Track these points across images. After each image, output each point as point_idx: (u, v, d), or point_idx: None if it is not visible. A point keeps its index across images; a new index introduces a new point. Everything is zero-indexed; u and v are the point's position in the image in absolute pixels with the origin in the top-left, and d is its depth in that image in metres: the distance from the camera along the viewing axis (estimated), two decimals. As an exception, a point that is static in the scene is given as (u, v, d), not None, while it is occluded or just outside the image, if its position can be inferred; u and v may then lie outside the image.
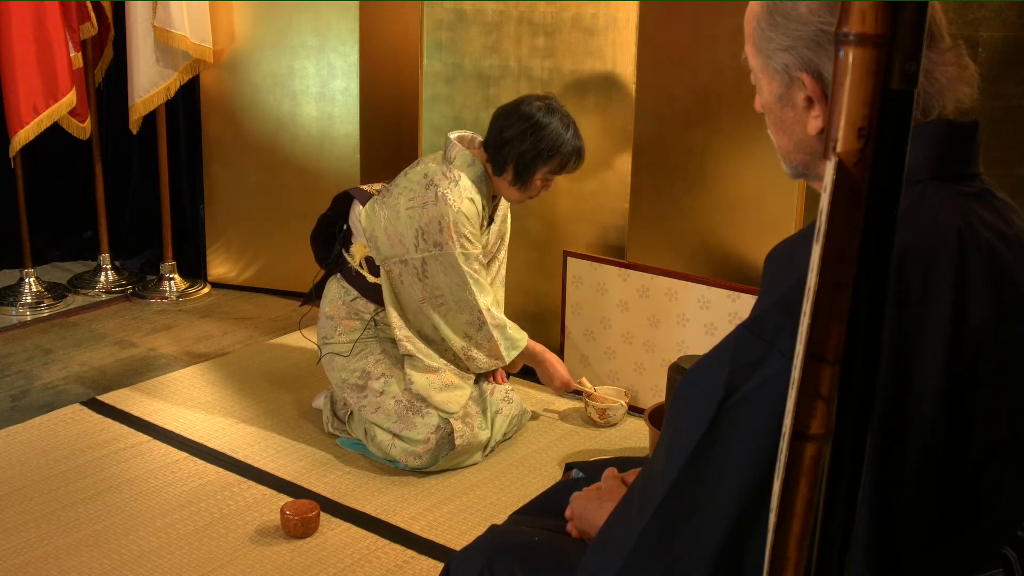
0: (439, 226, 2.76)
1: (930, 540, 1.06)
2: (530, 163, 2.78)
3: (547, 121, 2.77)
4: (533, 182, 2.82)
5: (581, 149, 2.83)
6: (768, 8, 1.13)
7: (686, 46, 3.08)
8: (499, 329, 2.90)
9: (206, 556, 2.38)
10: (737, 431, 1.03)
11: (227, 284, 4.25)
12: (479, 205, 2.83)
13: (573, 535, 1.49)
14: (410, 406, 2.81)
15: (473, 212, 2.80)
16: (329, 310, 3.00)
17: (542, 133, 2.76)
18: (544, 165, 2.79)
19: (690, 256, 3.19)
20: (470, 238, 2.79)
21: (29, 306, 3.97)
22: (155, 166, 4.17)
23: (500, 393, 2.99)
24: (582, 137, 2.84)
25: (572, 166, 2.84)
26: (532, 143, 2.77)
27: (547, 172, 2.82)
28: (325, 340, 2.98)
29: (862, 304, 0.73)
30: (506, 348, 2.93)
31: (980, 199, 1.11)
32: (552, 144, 2.77)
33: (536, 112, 2.78)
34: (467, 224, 2.78)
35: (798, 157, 1.18)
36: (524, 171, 2.80)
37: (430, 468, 2.78)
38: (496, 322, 2.89)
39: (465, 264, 2.79)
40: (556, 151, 2.78)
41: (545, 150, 2.77)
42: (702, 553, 1.05)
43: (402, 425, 2.79)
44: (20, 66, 3.67)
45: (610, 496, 1.45)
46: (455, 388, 2.88)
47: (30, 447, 2.87)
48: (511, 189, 2.86)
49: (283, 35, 3.92)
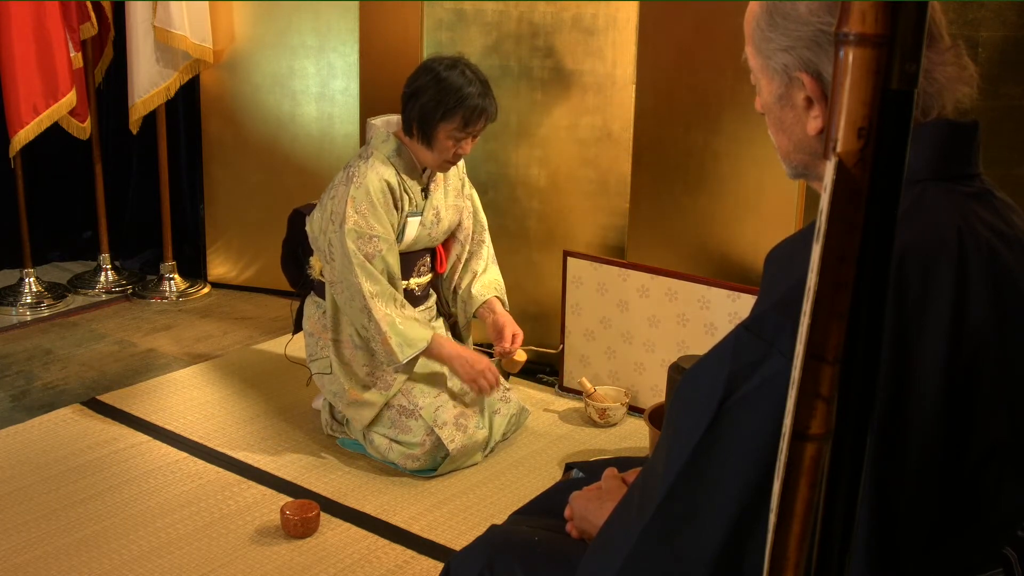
0: (342, 204, 2.72)
1: (930, 540, 1.07)
2: (430, 116, 2.70)
3: (447, 75, 2.70)
4: (438, 140, 2.72)
5: (484, 107, 2.70)
6: (768, 9, 1.13)
7: (686, 46, 3.08)
8: (388, 323, 2.72)
9: (206, 556, 2.38)
10: (737, 431, 1.03)
11: (227, 284, 4.25)
12: (391, 179, 2.76)
13: (573, 535, 1.49)
14: (403, 410, 2.80)
15: (379, 187, 2.73)
16: (309, 327, 2.99)
17: (441, 85, 2.69)
18: (445, 121, 2.70)
19: (690, 256, 3.19)
20: (365, 215, 2.71)
21: (29, 306, 3.97)
22: (155, 166, 4.17)
23: (498, 392, 2.96)
24: (493, 98, 2.74)
25: (476, 123, 2.72)
26: (431, 96, 2.70)
27: (452, 129, 2.71)
28: (311, 357, 2.97)
29: (862, 304, 0.73)
30: (399, 345, 2.72)
31: (980, 199, 1.11)
32: (452, 97, 2.68)
33: (437, 66, 2.73)
34: (364, 199, 2.71)
35: (798, 157, 1.18)
36: (426, 126, 2.72)
37: (431, 473, 2.78)
38: (381, 315, 2.72)
39: (352, 241, 2.70)
40: (457, 104, 2.68)
41: (443, 103, 2.68)
42: (702, 553, 1.05)
43: (397, 430, 2.79)
44: (20, 66, 3.67)
45: (610, 496, 1.45)
46: (361, 405, 2.82)
47: (30, 447, 2.87)
48: (423, 151, 2.77)
49: (283, 35, 3.92)
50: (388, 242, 2.75)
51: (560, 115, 3.28)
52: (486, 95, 2.73)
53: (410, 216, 2.83)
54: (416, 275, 2.94)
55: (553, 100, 3.28)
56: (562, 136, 3.30)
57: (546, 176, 3.35)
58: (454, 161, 2.80)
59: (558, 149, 3.31)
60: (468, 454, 2.82)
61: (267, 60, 3.96)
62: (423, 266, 2.97)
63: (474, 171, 3.30)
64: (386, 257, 2.75)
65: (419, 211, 2.86)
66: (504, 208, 3.40)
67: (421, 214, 2.86)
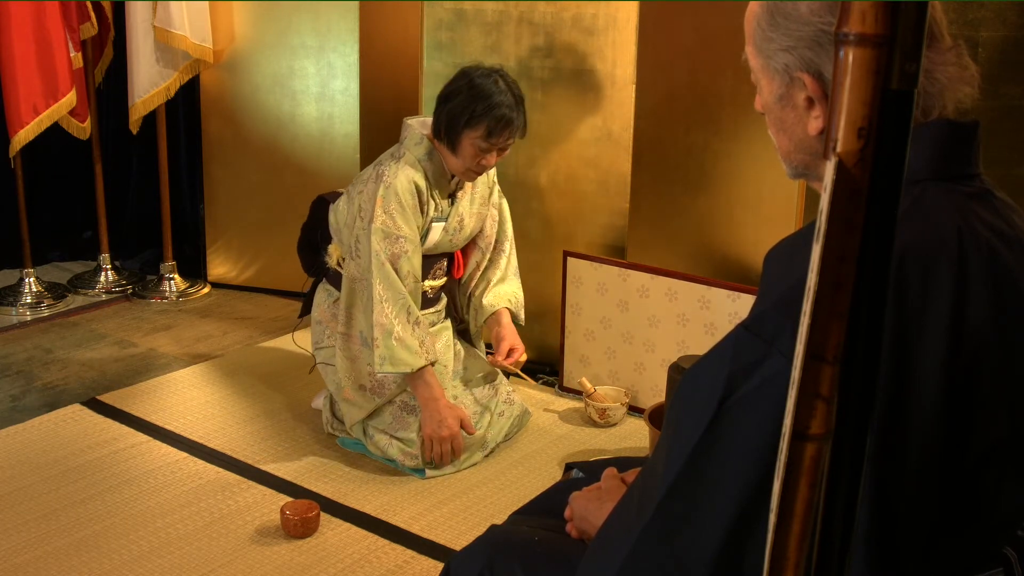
0: (371, 202, 2.72)
1: (930, 540, 1.06)
2: (456, 121, 2.70)
3: (480, 82, 2.70)
4: (463, 147, 2.71)
5: (511, 119, 2.68)
6: (769, 8, 1.12)
7: (686, 46, 3.08)
8: (384, 331, 2.69)
9: (206, 556, 2.38)
10: (737, 431, 1.03)
11: (227, 284, 4.25)
12: (419, 181, 2.75)
13: (573, 535, 1.49)
14: (404, 406, 2.80)
15: (407, 188, 2.72)
16: (317, 315, 3.00)
17: (472, 92, 2.69)
18: (470, 128, 2.69)
19: (690, 256, 3.19)
20: (394, 215, 2.71)
21: (29, 306, 3.97)
22: (155, 166, 4.17)
23: (503, 395, 2.98)
24: (523, 114, 2.73)
25: (500, 135, 2.70)
26: (461, 100, 2.70)
27: (476, 137, 2.70)
28: (317, 345, 2.98)
29: (862, 304, 0.73)
30: (381, 357, 2.68)
31: (980, 199, 1.11)
32: (480, 105, 2.67)
33: (473, 72, 2.73)
34: (393, 200, 2.70)
35: (798, 157, 1.17)
36: (452, 131, 2.71)
37: (430, 471, 2.78)
38: (382, 320, 2.69)
39: (377, 241, 2.69)
40: (484, 112, 2.67)
41: (470, 109, 2.68)
42: (702, 553, 1.05)
43: (397, 425, 2.79)
44: (20, 66, 3.67)
45: (610, 496, 1.45)
46: (352, 404, 2.83)
47: (30, 447, 2.87)
48: (449, 156, 2.77)
49: (283, 35, 3.92)
50: (414, 243, 2.75)
51: (560, 115, 3.28)
52: (516, 108, 2.71)
53: (435, 221, 2.84)
54: (431, 278, 2.95)
55: (553, 100, 3.28)
56: (562, 136, 3.30)
57: (546, 176, 3.35)
58: (479, 171, 2.79)
59: (558, 149, 3.31)
60: (466, 453, 2.82)
61: (267, 60, 3.96)
62: (439, 269, 2.98)
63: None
64: (412, 258, 2.75)
65: (444, 217, 2.86)
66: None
67: (446, 220, 2.87)
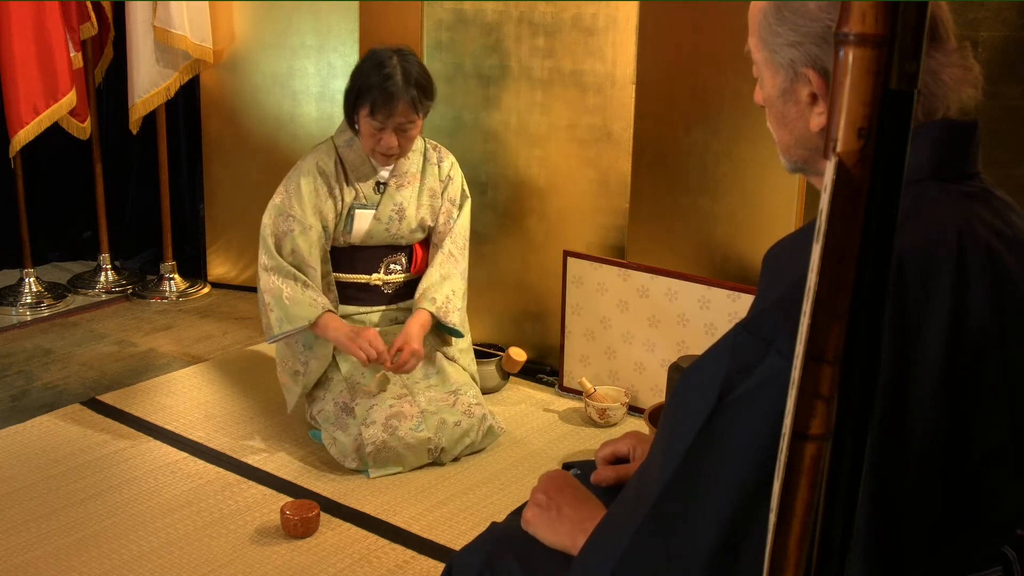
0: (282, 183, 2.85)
1: (930, 540, 1.06)
2: (348, 101, 2.78)
3: (375, 59, 2.74)
4: (361, 126, 2.77)
5: (393, 94, 2.67)
6: (776, 3, 1.12)
7: (686, 46, 3.08)
8: (273, 295, 2.73)
9: (206, 556, 2.38)
10: (734, 431, 1.02)
11: (227, 284, 4.25)
12: (327, 166, 2.83)
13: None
14: (344, 407, 2.78)
15: (310, 170, 2.81)
16: None
17: (361, 72, 2.75)
18: (360, 106, 2.74)
19: (690, 256, 3.19)
20: (291, 195, 2.80)
21: (29, 306, 3.97)
22: (155, 166, 4.17)
23: (463, 405, 2.81)
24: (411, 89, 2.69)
25: (384, 111, 2.69)
26: (352, 81, 2.78)
27: (365, 115, 2.72)
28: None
29: (862, 304, 0.73)
30: (277, 320, 2.71)
31: (980, 199, 1.11)
32: (364, 82, 2.72)
33: (376, 51, 2.77)
34: (294, 181, 2.81)
35: (798, 152, 1.17)
36: (348, 112, 2.80)
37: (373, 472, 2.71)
38: (268, 287, 2.74)
39: (270, 217, 2.81)
40: (367, 90, 2.70)
41: (357, 87, 2.75)
42: (697, 551, 1.05)
43: (336, 426, 2.76)
44: (20, 66, 3.67)
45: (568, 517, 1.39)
46: (287, 389, 2.92)
47: (30, 447, 2.87)
48: (359, 139, 2.83)
49: (283, 35, 3.92)
50: (303, 225, 2.79)
51: (560, 115, 3.28)
52: (407, 85, 2.70)
53: (357, 208, 2.85)
54: (384, 272, 2.94)
55: (553, 100, 3.28)
56: (562, 136, 3.30)
57: (546, 176, 3.35)
58: (386, 153, 2.79)
59: (558, 149, 3.31)
60: (398, 458, 2.73)
61: (267, 60, 3.96)
62: (393, 264, 2.96)
63: (474, 171, 3.31)
64: (296, 239, 2.79)
65: (370, 205, 2.87)
66: (504, 208, 3.40)
67: (375, 208, 2.87)
